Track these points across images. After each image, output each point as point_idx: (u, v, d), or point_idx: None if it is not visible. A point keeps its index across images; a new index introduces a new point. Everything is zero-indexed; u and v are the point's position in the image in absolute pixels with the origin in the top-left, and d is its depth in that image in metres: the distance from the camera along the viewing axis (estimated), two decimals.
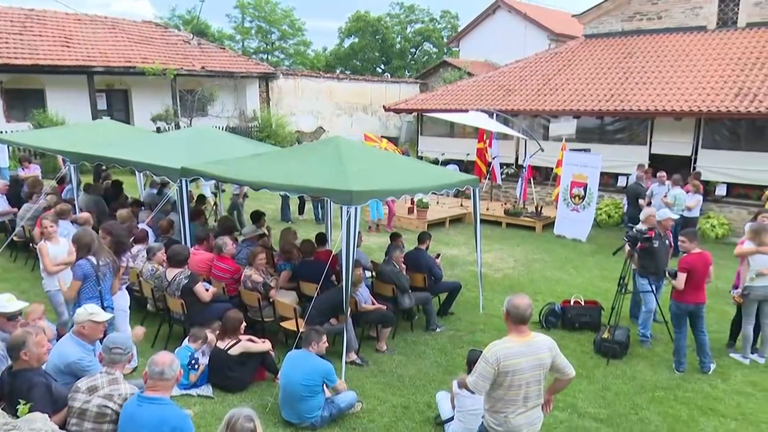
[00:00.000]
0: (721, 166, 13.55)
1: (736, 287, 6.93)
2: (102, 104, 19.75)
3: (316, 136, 24.59)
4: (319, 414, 5.26)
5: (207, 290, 6.67)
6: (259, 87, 23.79)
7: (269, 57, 41.72)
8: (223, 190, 13.27)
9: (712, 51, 15.41)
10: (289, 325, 6.74)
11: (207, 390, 5.85)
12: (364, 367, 6.51)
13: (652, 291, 7.10)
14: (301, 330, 5.93)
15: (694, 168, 13.68)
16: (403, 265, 7.74)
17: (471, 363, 5.13)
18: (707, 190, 13.20)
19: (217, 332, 6.08)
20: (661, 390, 6.13)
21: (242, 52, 36.05)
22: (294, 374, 5.25)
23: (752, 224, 7.16)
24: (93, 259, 5.34)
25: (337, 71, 40.56)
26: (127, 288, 6.38)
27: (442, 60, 33.52)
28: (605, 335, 6.94)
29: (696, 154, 14.04)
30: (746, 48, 14.95)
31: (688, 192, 11.66)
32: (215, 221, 10.94)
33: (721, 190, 13.71)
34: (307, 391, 5.18)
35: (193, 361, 5.82)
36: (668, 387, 6.19)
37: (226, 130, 18.09)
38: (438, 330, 7.60)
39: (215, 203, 12.85)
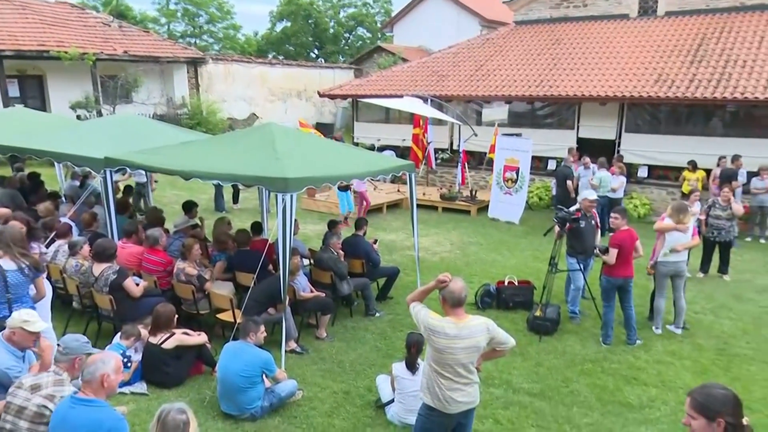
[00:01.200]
0: (642, 149, 14.27)
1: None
2: (14, 91, 18.44)
3: (249, 123, 24.05)
4: (259, 404, 5.20)
5: (137, 285, 6.43)
6: (188, 72, 22.93)
7: (197, 41, 40.28)
8: (156, 181, 12.80)
9: (633, 39, 16.13)
10: (225, 316, 6.59)
11: (141, 387, 5.66)
12: (304, 355, 6.48)
13: (580, 269, 7.42)
14: (238, 321, 5.82)
15: (618, 151, 14.36)
16: (341, 252, 7.73)
17: (410, 346, 5.23)
18: (630, 172, 13.88)
19: (149, 328, 5.87)
20: (590, 363, 6.44)
21: (168, 35, 34.58)
22: (232, 366, 5.15)
23: (674, 203, 7.58)
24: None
25: (270, 56, 39.69)
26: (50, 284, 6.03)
27: (376, 45, 33.44)
28: (538, 313, 7.21)
29: (620, 138, 14.70)
30: (665, 36, 15.74)
31: (613, 174, 12.24)
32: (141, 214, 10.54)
33: (642, 172, 14.45)
34: (246, 382, 5.11)
35: (125, 359, 5.60)
36: (596, 359, 6.51)
37: (153, 117, 17.33)
38: (377, 315, 7.65)
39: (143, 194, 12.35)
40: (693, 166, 12.66)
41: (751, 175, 12.08)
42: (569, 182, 12.13)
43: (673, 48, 15.09)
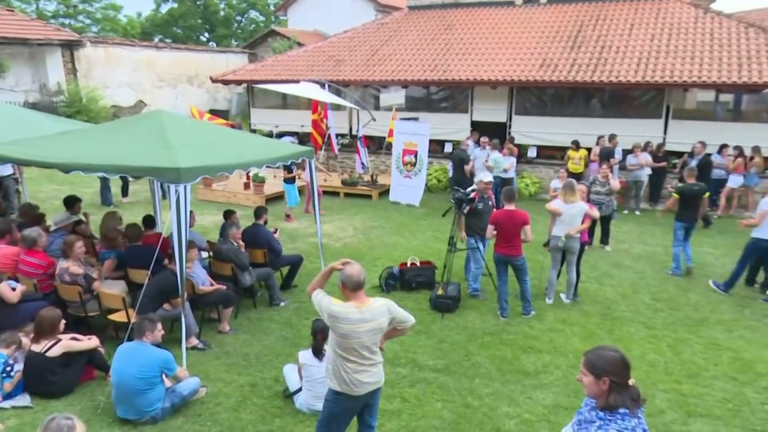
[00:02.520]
0: (531, 130, 15.06)
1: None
2: None
3: (136, 111, 22.62)
4: (160, 406, 4.97)
5: (14, 290, 5.88)
6: (63, 56, 21.08)
7: (72, 22, 37.16)
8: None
9: (520, 25, 16.91)
10: (118, 317, 6.21)
11: (24, 400, 5.20)
12: (207, 350, 6.26)
13: (478, 248, 7.72)
14: (132, 321, 5.50)
15: (509, 133, 15.06)
16: (241, 242, 7.51)
17: (316, 332, 5.20)
18: (521, 152, 14.63)
19: (32, 335, 5.40)
20: (489, 335, 6.75)
21: (37, 15, 31.62)
22: (128, 368, 4.87)
23: (565, 181, 8.03)
24: None
25: (156, 39, 37.48)
26: None
27: (270, 29, 32.56)
28: (439, 292, 7.43)
29: (510, 120, 15.42)
30: (548, 22, 16.64)
31: (504, 155, 12.82)
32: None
33: (532, 153, 15.27)
34: (144, 384, 4.85)
35: (8, 368, 5.13)
36: (494, 332, 6.84)
37: (24, 106, 15.84)
38: (282, 304, 7.54)
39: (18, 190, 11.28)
40: (576, 145, 13.53)
41: (626, 152, 13.15)
42: (466, 167, 12.57)
43: (555, 34, 16.00)
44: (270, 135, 16.20)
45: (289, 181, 11.83)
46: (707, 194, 8.99)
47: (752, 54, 13.39)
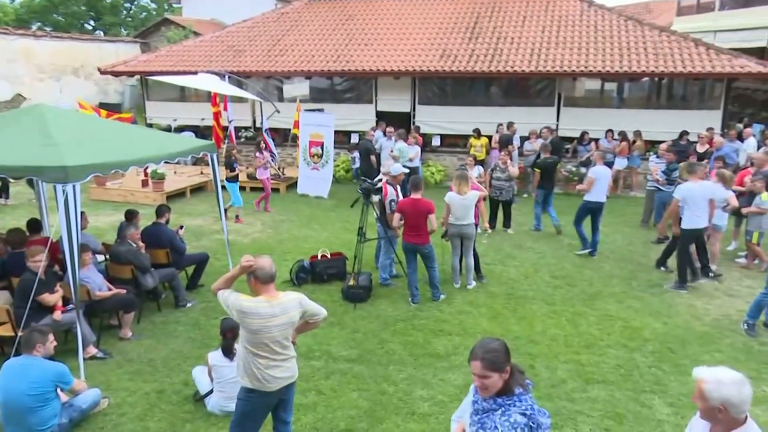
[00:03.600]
0: (434, 120, 15.41)
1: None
2: None
3: (15, 105, 20.74)
4: (56, 422, 4.61)
5: None
6: None
7: None
8: None
9: (419, 16, 17.20)
10: (3, 330, 5.69)
11: None
12: (107, 359, 5.90)
13: (388, 237, 7.81)
14: (19, 334, 5.05)
15: (414, 123, 15.32)
16: (141, 243, 7.11)
17: (225, 331, 5.05)
18: (425, 141, 14.94)
19: None
20: (401, 322, 6.86)
21: None
22: (16, 386, 4.47)
23: (456, 172, 8.28)
24: None
25: (34, 27, 34.48)
26: None
27: (163, 17, 30.97)
28: (351, 283, 7.45)
29: (414, 110, 15.69)
30: (446, 14, 17.05)
31: (410, 144, 13.03)
32: None
33: (436, 141, 15.63)
34: (36, 401, 4.47)
35: None
36: (406, 318, 6.96)
37: None
38: (189, 305, 7.25)
39: None
40: (477, 133, 14.01)
41: (523, 139, 13.80)
42: (372, 157, 12.65)
43: (453, 25, 16.43)
44: (168, 129, 15.45)
45: (233, 180, 11.17)
46: (559, 164, 11.05)
47: (631, 45, 14.46)
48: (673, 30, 16.55)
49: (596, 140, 13.63)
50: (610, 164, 13.46)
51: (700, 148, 12.06)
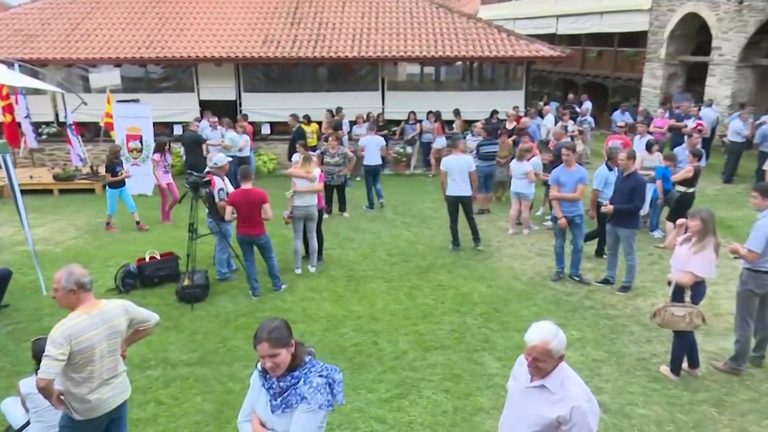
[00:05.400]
0: (262, 107, 15.06)
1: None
2: None
3: None
4: None
5: None
6: None
7: None
8: None
9: (238, 1, 16.58)
10: None
11: None
12: None
13: (220, 231, 7.49)
14: None
15: (241, 111, 14.82)
16: None
17: (38, 353, 4.46)
18: (255, 130, 14.55)
19: None
20: (243, 317, 6.66)
21: None
22: None
23: (303, 155, 8.23)
24: None
25: None
26: None
27: None
28: (186, 282, 7.04)
29: (240, 97, 15.17)
30: None
31: (239, 133, 12.59)
32: None
33: (266, 129, 15.30)
34: None
35: None
36: (248, 312, 6.78)
37: None
38: None
39: None
40: (308, 119, 13.96)
41: (352, 123, 14.07)
42: (205, 145, 12.04)
43: (274, 10, 16.14)
44: None
45: (115, 185, 9.79)
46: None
47: (444, 31, 15.42)
48: (479, 17, 17.99)
49: (420, 121, 14.37)
50: (430, 143, 14.35)
51: (509, 125, 13.30)
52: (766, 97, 15.00)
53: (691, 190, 8.40)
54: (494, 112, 14.11)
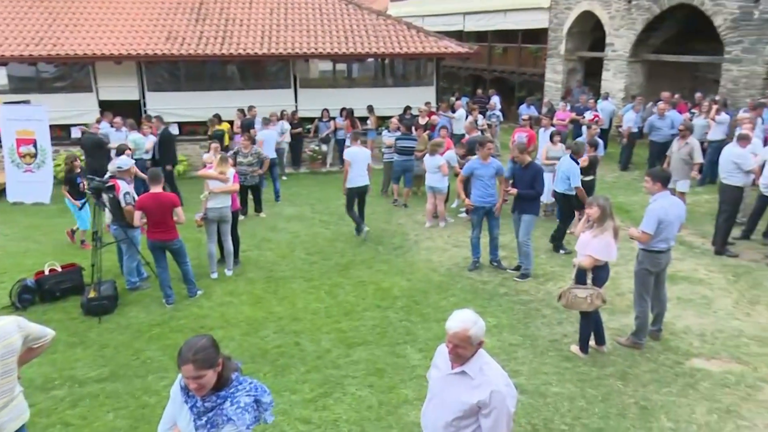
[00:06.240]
0: (169, 107, 14.41)
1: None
2: None
3: None
4: None
5: None
6: None
7: None
8: None
9: None
10: None
11: None
12: None
13: (128, 237, 7.11)
14: None
15: (146, 111, 14.13)
16: None
17: None
18: None
19: None
20: (157, 327, 6.37)
21: None
22: None
23: (219, 155, 7.96)
24: None
25: None
26: None
27: None
28: (92, 294, 6.63)
29: (144, 97, 14.46)
30: None
31: (145, 135, 11.99)
32: None
33: (174, 130, 14.66)
34: None
35: None
36: (163, 321, 6.48)
37: None
38: None
39: None
40: (218, 119, 13.53)
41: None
42: (109, 147, 11.38)
43: (177, 6, 15.51)
44: None
45: (77, 197, 8.72)
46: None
47: (354, 28, 15.45)
48: (389, 14, 18.17)
49: (333, 119, 14.31)
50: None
51: (422, 120, 13.54)
52: (656, 90, 16.18)
53: (589, 178, 8.92)
54: (408, 108, 14.32)
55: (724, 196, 8.26)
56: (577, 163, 8.42)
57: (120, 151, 8.21)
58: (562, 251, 8.42)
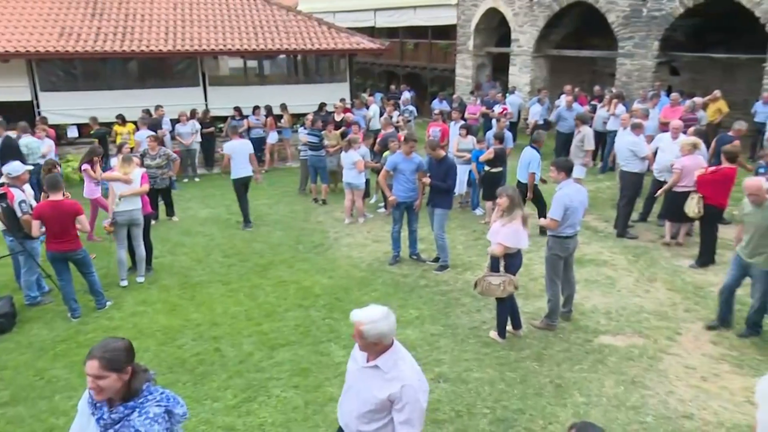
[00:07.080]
0: (65, 108, 13.52)
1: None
2: None
3: None
4: None
5: None
6: None
7: None
8: None
9: None
10: None
11: None
12: None
13: (25, 249, 6.59)
14: None
15: (40, 113, 13.16)
16: None
17: None
18: (59, 134, 13.03)
19: None
20: (63, 343, 5.96)
21: None
22: None
23: (120, 156, 7.54)
24: None
25: None
26: None
27: None
28: None
29: (37, 98, 13.46)
30: None
31: (39, 139, 11.16)
32: None
33: (73, 132, 13.79)
34: None
35: None
36: (68, 337, 6.08)
37: None
38: None
39: None
40: (122, 119, 12.84)
41: (174, 122, 13.22)
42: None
43: (70, 1, 14.51)
44: None
45: None
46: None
47: (263, 24, 15.13)
48: (299, 10, 17.94)
49: (246, 117, 13.98)
50: (263, 139, 14.04)
51: (338, 117, 13.50)
52: (558, 83, 17.04)
53: (497, 169, 9.24)
54: (323, 105, 14.22)
55: (624, 182, 8.83)
56: (538, 152, 8.75)
57: None
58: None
